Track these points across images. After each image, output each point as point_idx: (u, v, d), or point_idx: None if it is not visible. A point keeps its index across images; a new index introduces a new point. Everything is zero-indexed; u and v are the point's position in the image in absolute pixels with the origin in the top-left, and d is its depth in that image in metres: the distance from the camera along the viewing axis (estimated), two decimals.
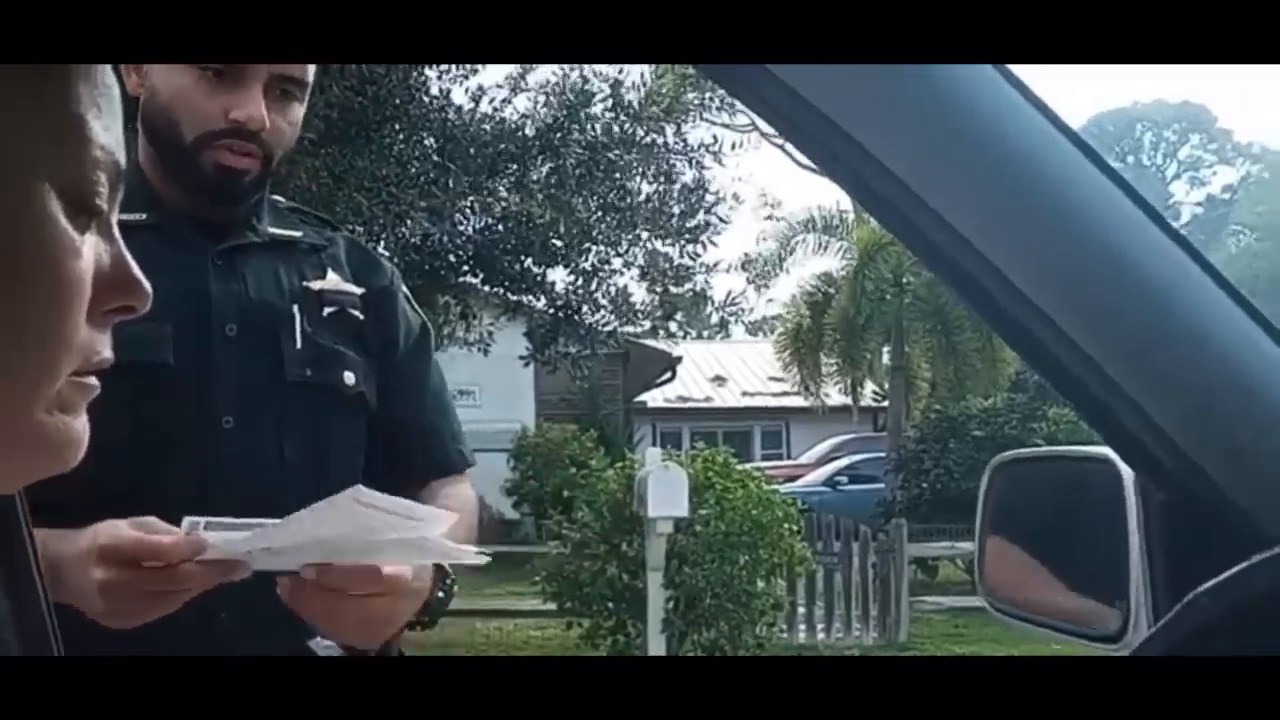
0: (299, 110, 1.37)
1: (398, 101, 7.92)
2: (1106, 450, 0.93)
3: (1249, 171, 40.32)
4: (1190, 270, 0.78)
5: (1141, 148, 43.77)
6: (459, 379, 1.55)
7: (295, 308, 1.37)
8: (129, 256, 0.60)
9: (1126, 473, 0.92)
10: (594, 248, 9.45)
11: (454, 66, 8.94)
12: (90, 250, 0.58)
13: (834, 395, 18.05)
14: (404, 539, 1.06)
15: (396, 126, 8.08)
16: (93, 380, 0.60)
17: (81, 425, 0.59)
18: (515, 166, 8.81)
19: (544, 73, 9.38)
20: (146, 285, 0.61)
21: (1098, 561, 0.96)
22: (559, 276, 9.45)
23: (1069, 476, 1.06)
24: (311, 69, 1.36)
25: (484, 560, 1.10)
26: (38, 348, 0.56)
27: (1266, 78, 70.10)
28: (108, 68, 0.60)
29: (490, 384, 14.70)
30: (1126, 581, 0.92)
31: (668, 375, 20.49)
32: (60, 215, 0.56)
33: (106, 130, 0.59)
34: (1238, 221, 29.12)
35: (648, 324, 11.04)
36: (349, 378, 1.38)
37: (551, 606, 8.26)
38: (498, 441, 14.74)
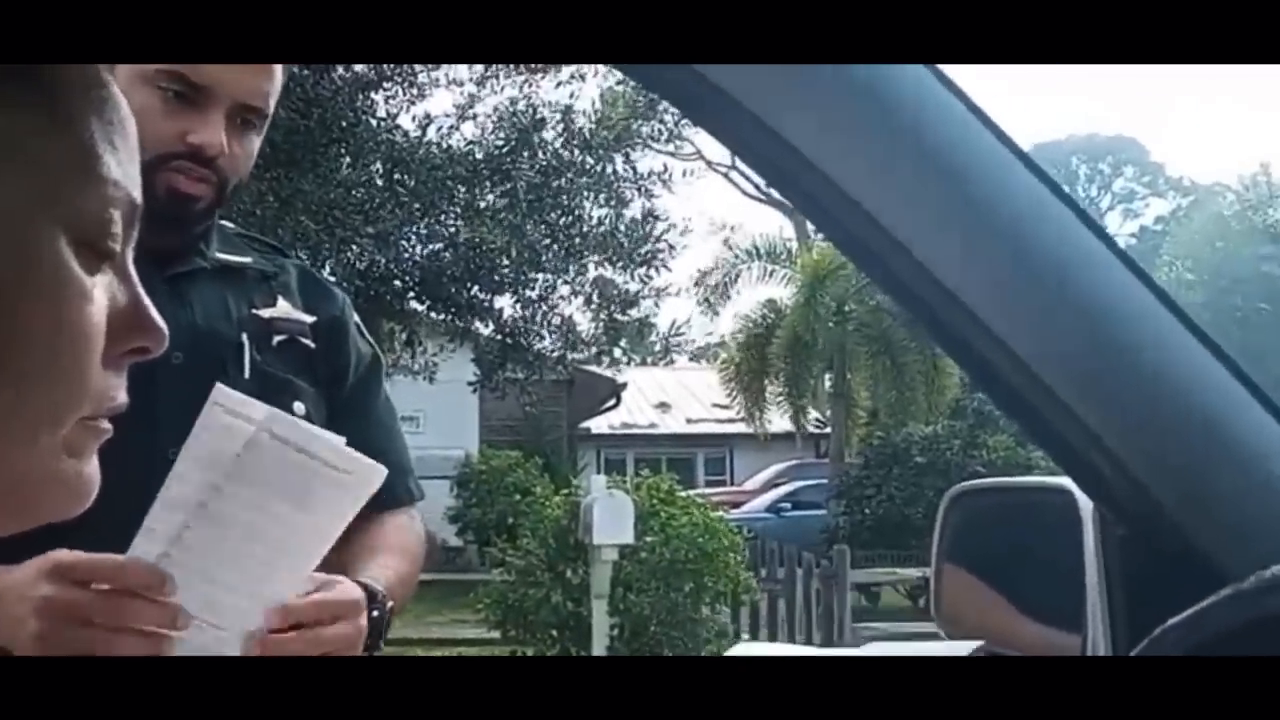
0: (256, 141, 1.35)
1: (344, 124, 7.88)
2: (1065, 481, 0.94)
3: (1180, 204, 41.29)
4: (1154, 305, 0.79)
5: (1077, 179, 44.61)
6: (403, 405, 1.55)
7: (244, 336, 1.34)
8: (144, 297, 0.59)
9: (1085, 504, 0.93)
10: (541, 275, 9.45)
11: (400, 91, 8.92)
12: (103, 292, 0.56)
13: (777, 422, 18.15)
14: (318, 523, 1.03)
15: (342, 150, 8.04)
16: (105, 424, 0.58)
17: (92, 469, 0.58)
18: (464, 190, 8.80)
19: (493, 100, 9.39)
20: (162, 326, 0.59)
21: (1055, 592, 0.97)
22: (506, 303, 9.44)
23: (1026, 507, 1.07)
24: (273, 100, 1.35)
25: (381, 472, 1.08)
26: (47, 394, 0.55)
27: (1196, 110, 71.86)
28: (121, 101, 0.58)
29: (434, 410, 14.60)
30: (1083, 612, 0.93)
31: (612, 401, 20.47)
32: (71, 259, 0.55)
33: (120, 165, 0.57)
34: (1170, 253, 29.79)
35: (593, 350, 11.05)
36: (299, 408, 1.35)
37: (495, 635, 8.20)
38: (441, 468, 14.62)
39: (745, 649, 0.95)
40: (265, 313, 1.37)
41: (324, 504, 1.02)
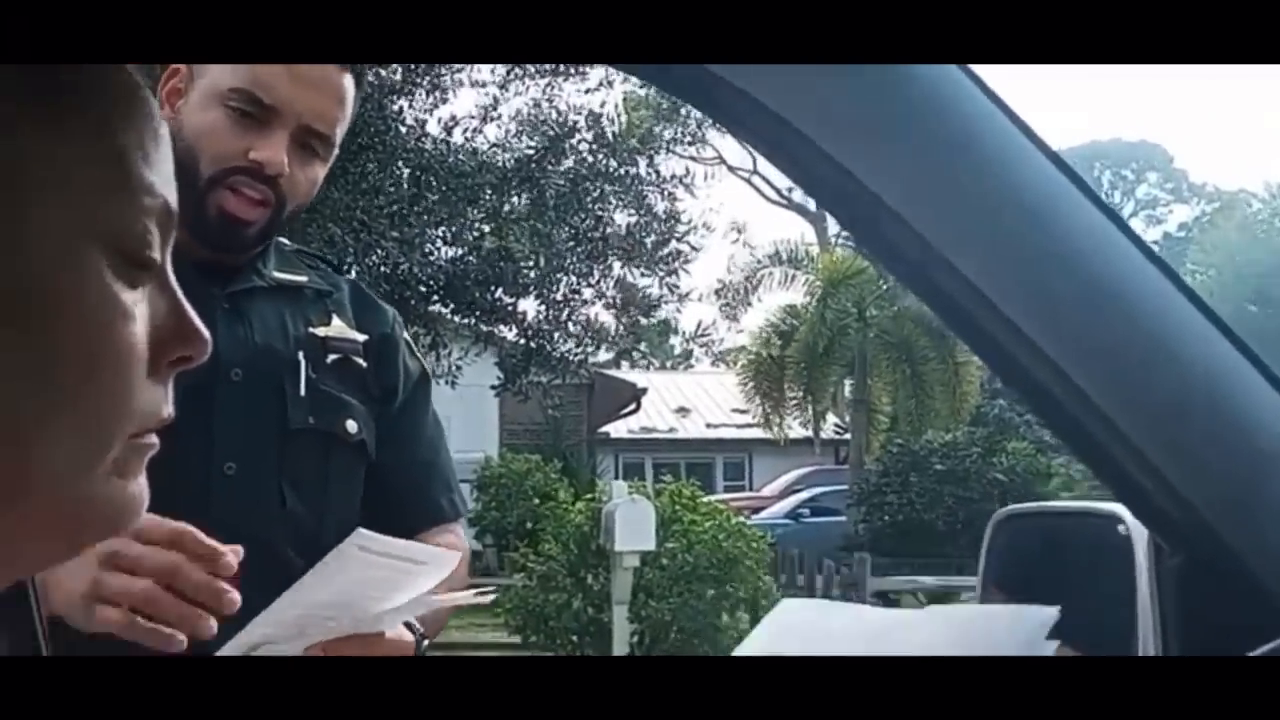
0: (319, 170, 1.35)
1: (372, 131, 7.92)
2: (1116, 507, 0.94)
3: (1204, 210, 41.03)
4: (1207, 327, 0.78)
5: (1100, 186, 44.40)
6: None
7: (300, 354, 1.35)
8: (187, 305, 0.58)
9: (1138, 531, 0.93)
10: (564, 278, 9.47)
11: (425, 95, 8.95)
12: (145, 306, 0.55)
13: (796, 428, 18.11)
14: (403, 604, 1.05)
15: (370, 157, 8.07)
16: (152, 439, 0.57)
17: (139, 488, 0.57)
18: (491, 195, 8.83)
19: (517, 102, 9.42)
20: (206, 334, 0.58)
21: (1104, 621, 0.97)
22: (529, 307, 9.47)
23: (1075, 532, 1.07)
24: (340, 129, 1.36)
25: (489, 599, 1.10)
26: (94, 415, 0.54)
27: (1221, 115, 71.34)
28: (152, 105, 0.57)
29: (455, 414, 14.59)
30: (1134, 643, 0.93)
31: (632, 406, 20.47)
32: (110, 274, 0.54)
33: (156, 174, 0.56)
34: (1194, 260, 29.58)
35: (615, 352, 11.07)
36: (351, 426, 1.37)
37: (516, 639, 8.21)
38: (461, 472, 14.61)
39: (788, 607, 0.95)
40: (320, 331, 1.38)
41: (397, 585, 1.05)
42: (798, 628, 0.90)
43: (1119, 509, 0.92)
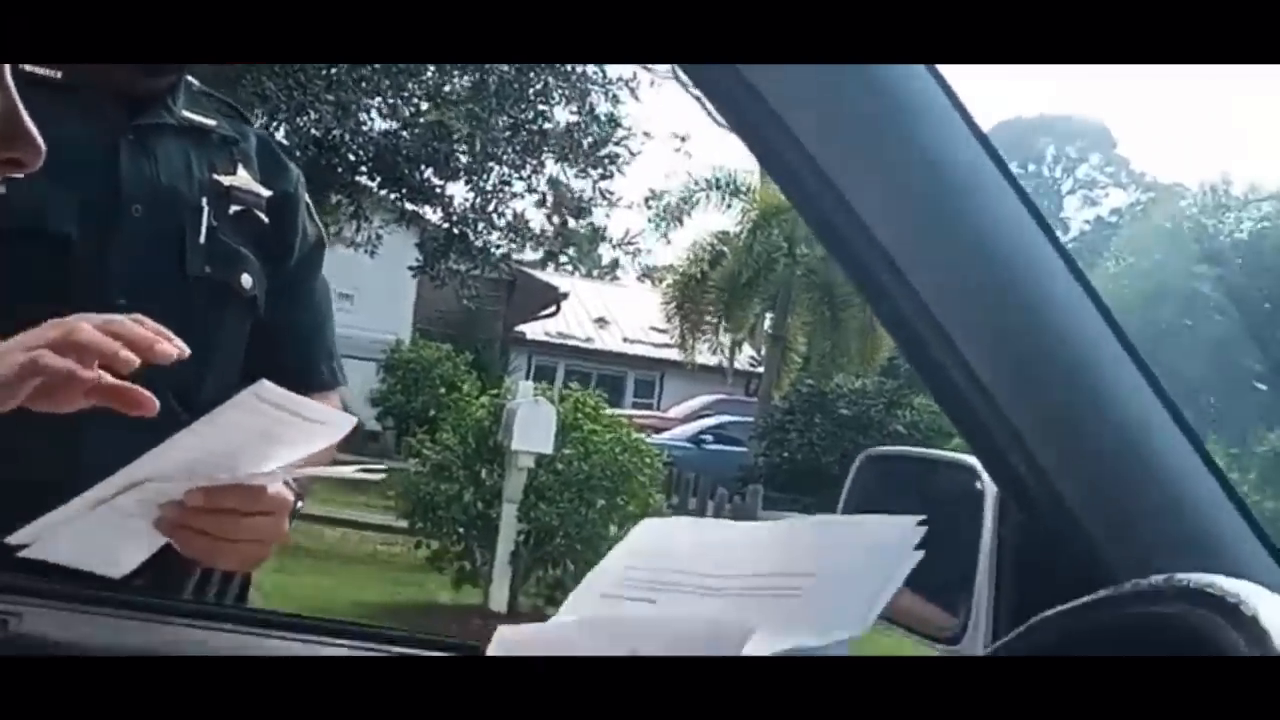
0: None
1: None
2: (973, 460, 0.95)
3: (1138, 199, 41.80)
4: (1091, 309, 0.79)
5: (1043, 159, 44.96)
6: (339, 282, 1.53)
7: (204, 200, 1.32)
8: (21, 109, 0.56)
9: (989, 486, 0.94)
10: (497, 168, 9.35)
11: None
12: None
13: (711, 355, 18.26)
14: (290, 461, 1.03)
15: None
16: None
17: None
18: (433, 72, 8.64)
19: None
20: (39, 140, 0.56)
21: (947, 567, 0.98)
22: (458, 191, 9.34)
23: (933, 479, 1.08)
24: None
25: (377, 477, 1.08)
26: None
27: (1173, 108, 72.51)
28: None
29: (370, 291, 14.47)
30: (971, 590, 0.95)
31: (552, 309, 20.45)
32: None
33: None
34: (1118, 248, 30.24)
35: (540, 253, 10.98)
36: (246, 280, 1.35)
37: (402, 524, 8.23)
38: (370, 350, 14.54)
39: (648, 525, 0.95)
40: (225, 180, 1.36)
41: (291, 441, 1.03)
42: (648, 545, 0.90)
43: (973, 461, 0.94)
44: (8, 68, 0.55)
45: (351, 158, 8.65)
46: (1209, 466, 0.83)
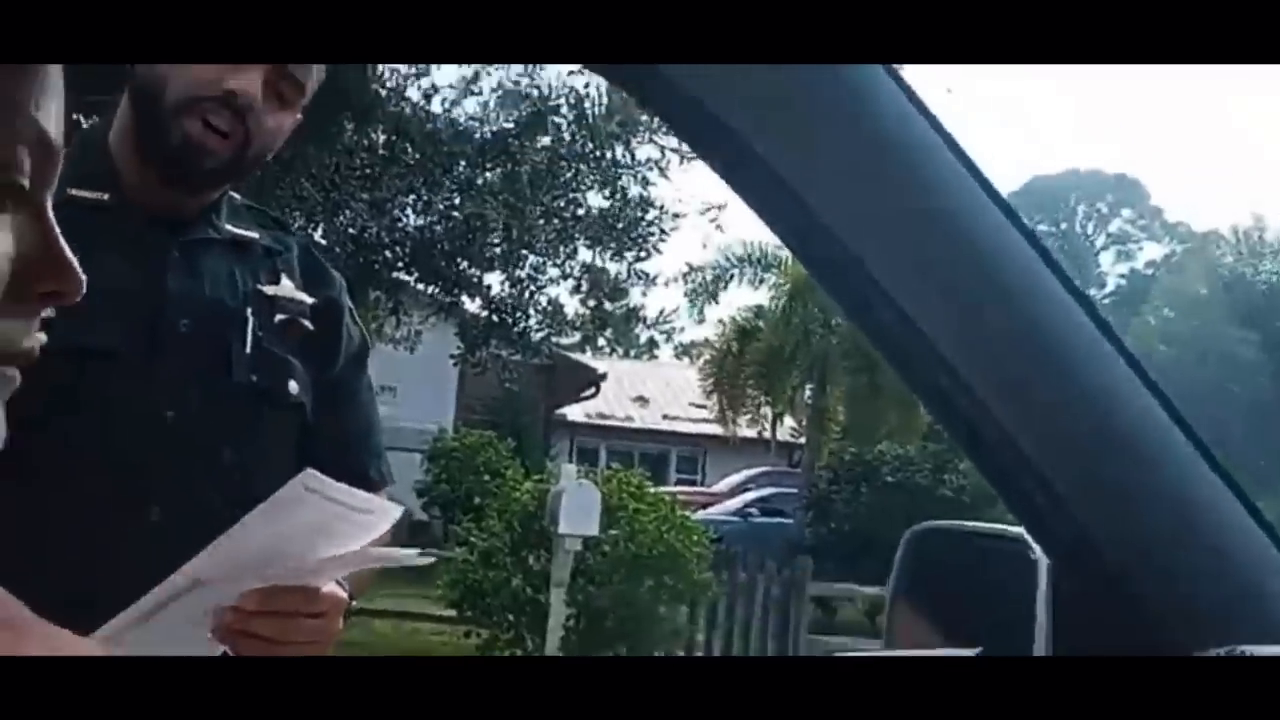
0: (288, 120, 1.35)
1: (352, 90, 7.86)
2: (1022, 531, 0.95)
3: (1173, 250, 41.47)
4: (1133, 380, 0.79)
5: (1075, 216, 44.77)
6: (381, 375, 1.56)
7: (249, 311, 1.36)
8: (62, 242, 0.56)
9: (1041, 557, 0.94)
10: (531, 256, 9.45)
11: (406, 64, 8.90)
12: (7, 233, 0.54)
13: (752, 428, 18.16)
14: (342, 555, 1.05)
15: (348, 116, 8.01)
16: (10, 371, 0.55)
17: None
18: (465, 166, 8.78)
19: (499, 75, 9.38)
20: (79, 271, 0.56)
21: (1003, 641, 0.98)
22: (495, 280, 9.44)
23: (983, 552, 1.08)
24: (313, 81, 1.35)
25: (428, 561, 1.10)
26: None
27: (1202, 152, 72.17)
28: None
29: (412, 382, 14.56)
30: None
31: (591, 390, 20.47)
32: None
33: (33, 103, 0.54)
34: (1157, 299, 29.92)
35: (578, 336, 11.05)
36: (293, 387, 1.38)
37: (451, 613, 8.19)
38: (414, 441, 14.59)
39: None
40: (269, 290, 1.39)
41: (341, 533, 1.05)
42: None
43: (1023, 533, 0.94)
44: (49, 199, 0.56)
45: (389, 254, 8.78)
46: (1262, 527, 0.83)
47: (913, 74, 0.84)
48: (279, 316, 1.38)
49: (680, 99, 0.72)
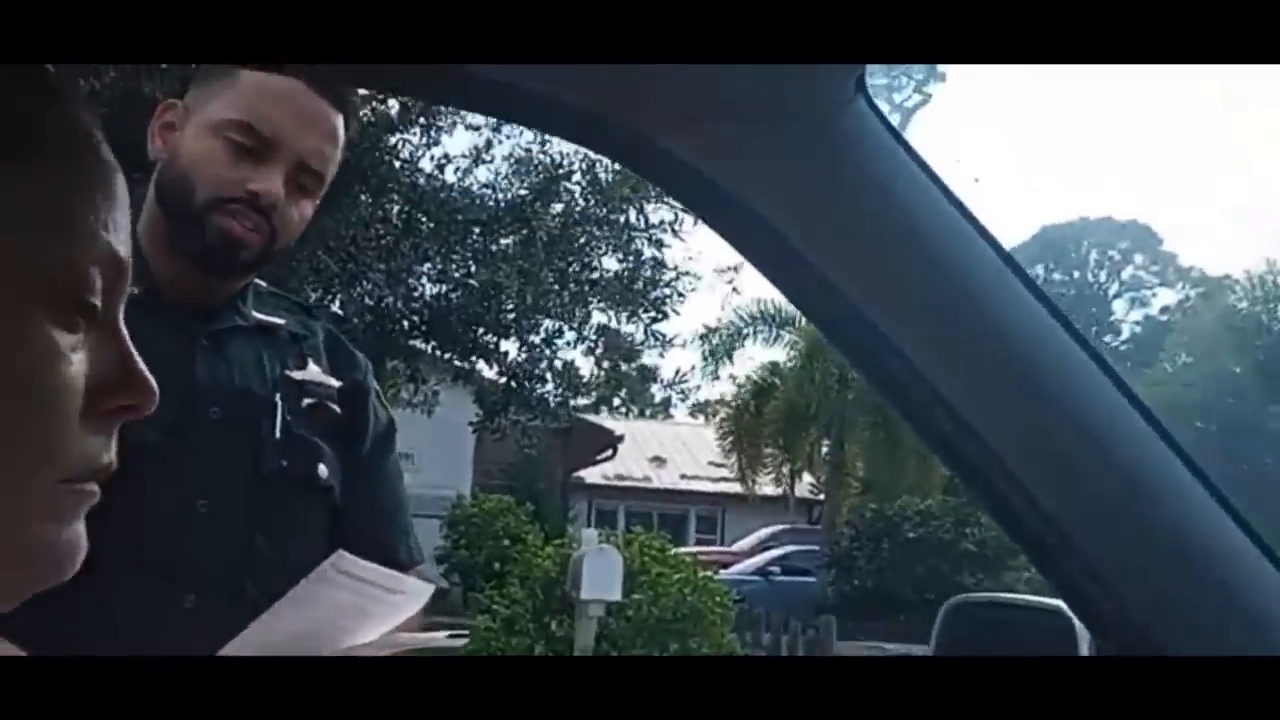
0: (309, 208, 1.38)
1: (367, 164, 7.97)
2: (1060, 603, 0.95)
3: (1188, 295, 41.40)
4: (1161, 447, 0.80)
5: (1087, 264, 44.78)
6: (399, 442, 1.56)
7: (278, 397, 1.37)
8: (135, 356, 0.57)
9: (1081, 630, 0.94)
10: (545, 321, 9.51)
11: (420, 133, 9.01)
12: (83, 350, 0.55)
13: (771, 485, 18.09)
14: (373, 641, 1.05)
15: (363, 189, 8.12)
16: (91, 487, 0.56)
17: (74, 535, 0.56)
18: (479, 234, 8.87)
19: (510, 145, 9.49)
20: (153, 385, 0.57)
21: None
22: (511, 347, 9.49)
23: (1022, 624, 1.08)
24: (331, 168, 1.38)
25: (461, 643, 1.10)
26: (13, 456, 0.53)
27: (1214, 201, 72.30)
28: (106, 154, 0.57)
29: (429, 449, 14.57)
30: None
31: (609, 452, 20.43)
32: (43, 315, 0.53)
33: (104, 222, 0.55)
34: (1174, 345, 29.82)
35: (593, 398, 11.06)
36: (322, 471, 1.39)
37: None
38: (433, 508, 14.56)
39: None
40: (297, 375, 1.40)
41: (374, 615, 1.05)
42: None
43: (1060, 604, 0.94)
44: (120, 314, 0.57)
45: (406, 324, 8.84)
46: None
47: (935, 158, 0.85)
48: (306, 401, 1.40)
49: (678, 166, 0.73)
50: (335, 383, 1.42)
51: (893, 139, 0.78)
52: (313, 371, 1.41)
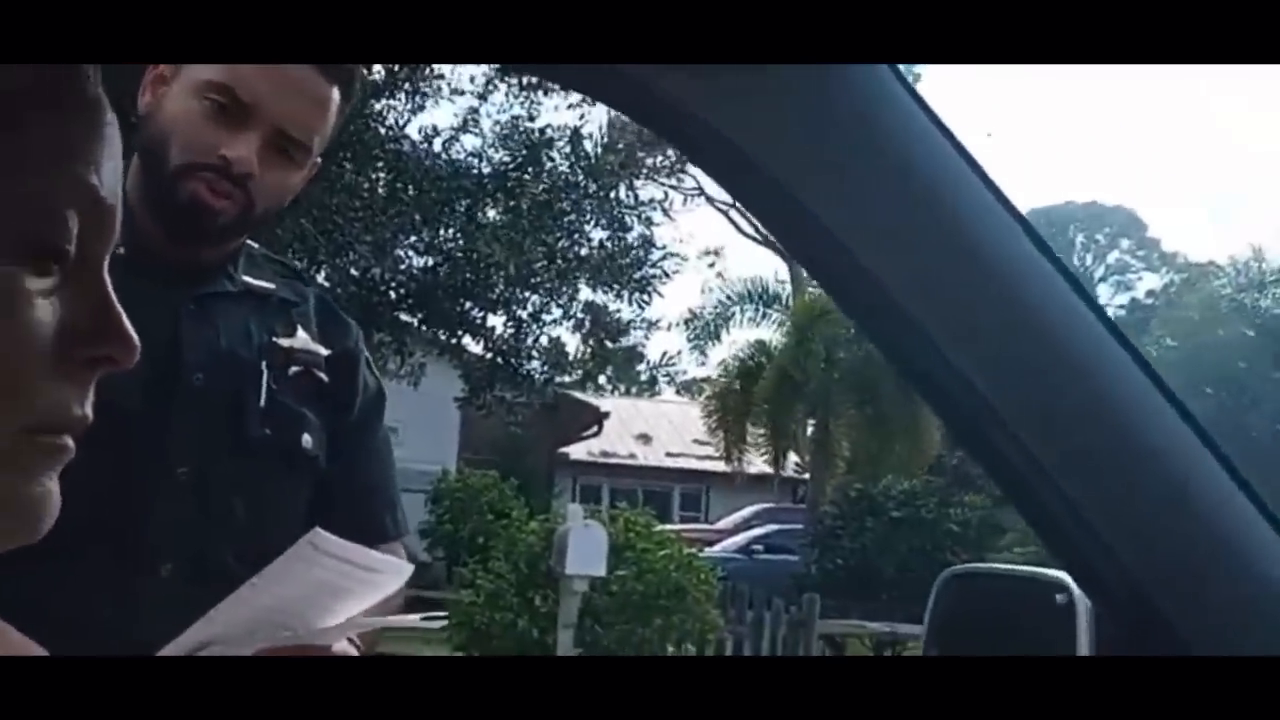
0: (295, 177, 1.34)
1: (351, 130, 7.90)
2: (1062, 575, 0.94)
3: (1172, 279, 41.58)
4: (1178, 423, 0.78)
5: (1073, 248, 44.91)
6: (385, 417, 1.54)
7: (264, 364, 1.34)
8: (116, 306, 0.54)
9: (1081, 599, 0.93)
10: (532, 296, 9.47)
11: (405, 98, 8.95)
12: (55, 296, 0.52)
13: (756, 464, 18.13)
14: (351, 618, 1.03)
15: (347, 156, 8.05)
16: (63, 440, 0.53)
17: (42, 490, 0.53)
18: (466, 204, 8.83)
19: (496, 113, 9.43)
20: (133, 336, 0.54)
21: None
22: (497, 322, 9.46)
23: (1019, 595, 1.07)
24: (318, 138, 1.33)
25: (438, 625, 1.08)
26: None
27: (1198, 188, 72.62)
28: (102, 103, 0.55)
29: (414, 423, 14.55)
30: None
31: (594, 429, 20.46)
32: (8, 257, 0.50)
33: (86, 163, 0.53)
34: (1158, 329, 29.97)
35: (580, 374, 11.06)
36: (307, 440, 1.36)
37: (458, 655, 8.14)
38: (417, 482, 14.54)
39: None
40: (285, 342, 1.37)
41: (353, 593, 1.03)
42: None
43: (1062, 576, 0.92)
44: (103, 261, 0.54)
45: (392, 295, 8.80)
46: None
47: (946, 111, 0.83)
48: (294, 368, 1.37)
49: (683, 115, 0.71)
50: (324, 350, 1.40)
51: (915, 102, 0.76)
52: (301, 339, 1.39)
